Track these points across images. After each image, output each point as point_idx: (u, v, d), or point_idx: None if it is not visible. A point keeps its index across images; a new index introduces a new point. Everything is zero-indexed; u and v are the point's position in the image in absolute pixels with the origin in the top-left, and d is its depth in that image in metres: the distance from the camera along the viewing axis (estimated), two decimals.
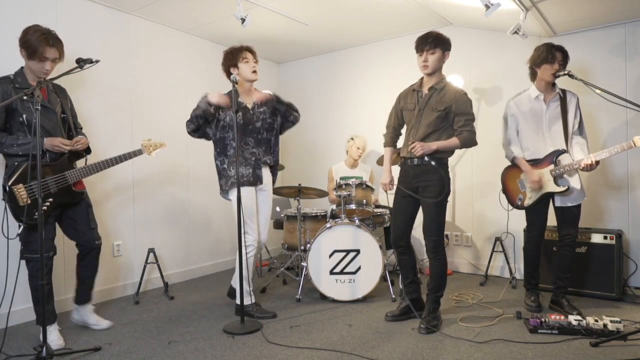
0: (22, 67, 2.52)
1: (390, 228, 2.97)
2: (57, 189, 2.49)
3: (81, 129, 2.81)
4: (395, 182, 2.88)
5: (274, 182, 3.21)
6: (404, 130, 2.89)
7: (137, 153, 2.77)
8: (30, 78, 2.51)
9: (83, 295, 2.76)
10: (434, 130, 2.63)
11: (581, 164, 2.68)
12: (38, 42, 2.37)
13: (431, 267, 2.72)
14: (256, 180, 2.96)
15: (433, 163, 2.61)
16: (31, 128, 2.42)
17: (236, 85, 2.77)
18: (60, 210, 2.59)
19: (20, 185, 2.36)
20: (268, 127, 3.03)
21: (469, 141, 2.63)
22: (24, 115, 2.42)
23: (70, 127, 2.68)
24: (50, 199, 2.46)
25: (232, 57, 2.96)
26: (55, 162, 2.51)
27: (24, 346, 2.52)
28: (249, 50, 2.98)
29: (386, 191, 2.90)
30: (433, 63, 2.60)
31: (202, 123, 2.89)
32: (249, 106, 2.96)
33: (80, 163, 2.69)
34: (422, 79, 2.77)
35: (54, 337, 2.46)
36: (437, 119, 2.62)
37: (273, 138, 3.10)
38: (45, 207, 2.41)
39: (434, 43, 2.58)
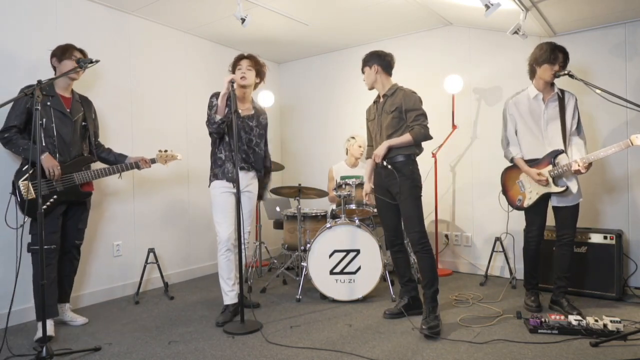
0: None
1: (383, 231, 3.00)
2: (64, 188, 2.67)
3: (97, 137, 3.00)
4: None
5: (265, 187, 3.24)
6: None
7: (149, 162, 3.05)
8: (58, 86, 2.71)
9: (61, 294, 2.81)
10: (394, 131, 2.76)
11: (572, 168, 2.70)
12: (67, 47, 2.72)
13: (419, 261, 2.73)
14: (230, 180, 2.93)
15: (389, 167, 2.72)
16: (48, 132, 2.62)
17: (234, 88, 2.78)
18: (66, 208, 2.75)
19: (26, 181, 2.54)
20: (248, 141, 3.02)
21: (422, 135, 2.71)
22: (44, 120, 2.61)
23: (91, 136, 2.90)
24: (55, 196, 2.64)
25: (233, 66, 3.05)
26: (65, 163, 2.68)
27: (24, 346, 2.52)
28: (245, 57, 3.02)
29: (365, 201, 2.98)
30: (367, 79, 2.90)
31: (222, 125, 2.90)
32: (241, 113, 2.99)
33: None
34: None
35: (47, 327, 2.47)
36: (392, 119, 2.76)
37: (252, 151, 3.07)
38: (48, 203, 2.61)
39: (362, 65, 2.93)
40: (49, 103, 2.63)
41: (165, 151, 3.10)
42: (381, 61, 2.85)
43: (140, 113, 3.74)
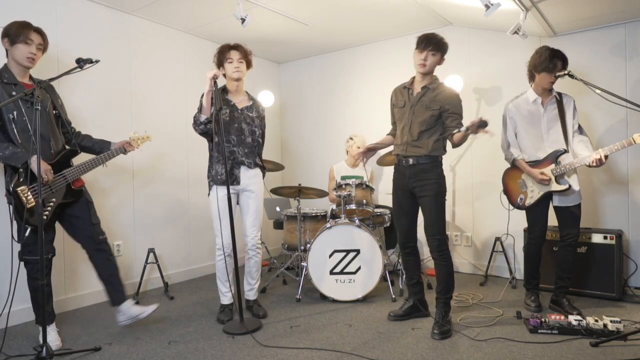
0: (5, 64, 2.45)
1: (396, 230, 2.94)
2: (58, 188, 2.47)
3: (70, 123, 2.72)
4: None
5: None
6: None
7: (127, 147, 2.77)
8: (16, 72, 2.43)
9: (116, 294, 2.65)
10: (428, 128, 2.64)
11: (591, 159, 2.65)
12: (21, 26, 2.40)
13: (437, 268, 2.68)
14: (232, 180, 2.88)
15: (416, 162, 2.62)
16: (20, 126, 2.37)
17: (217, 85, 2.73)
18: (61, 210, 2.55)
19: (24, 187, 2.31)
20: (252, 133, 2.98)
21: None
22: (15, 113, 2.35)
23: (64, 123, 2.65)
24: (53, 199, 2.44)
25: (219, 57, 2.94)
26: (51, 161, 2.47)
27: (24, 346, 2.52)
28: (234, 48, 2.91)
29: (361, 158, 2.89)
30: (431, 64, 2.64)
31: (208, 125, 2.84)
32: (238, 105, 2.95)
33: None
34: (413, 77, 2.78)
35: (52, 338, 2.46)
36: (431, 117, 2.62)
37: (257, 144, 3.04)
38: (49, 208, 2.41)
39: (438, 46, 2.61)
40: (14, 93, 2.32)
41: (135, 133, 2.84)
42: (445, 55, 2.68)
43: (140, 112, 3.73)
